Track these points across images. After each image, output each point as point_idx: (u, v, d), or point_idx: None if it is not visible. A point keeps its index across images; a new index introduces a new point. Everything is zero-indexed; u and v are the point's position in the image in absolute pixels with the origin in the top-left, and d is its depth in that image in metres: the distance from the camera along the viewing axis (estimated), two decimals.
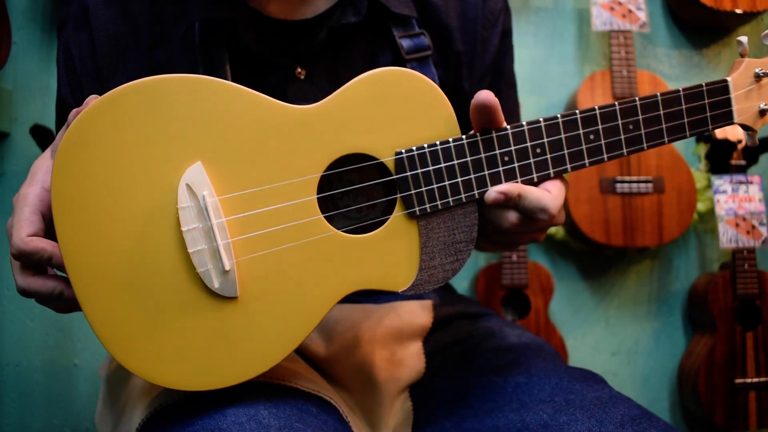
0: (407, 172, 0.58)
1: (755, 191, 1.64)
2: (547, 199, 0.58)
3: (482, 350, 0.77)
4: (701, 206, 1.71)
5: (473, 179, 0.59)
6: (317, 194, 0.57)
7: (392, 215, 0.59)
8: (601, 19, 1.66)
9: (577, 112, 0.60)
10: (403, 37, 0.75)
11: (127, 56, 0.71)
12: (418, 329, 0.80)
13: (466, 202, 0.59)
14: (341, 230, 0.58)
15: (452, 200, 0.59)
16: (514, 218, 0.59)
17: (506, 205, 0.58)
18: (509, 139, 0.59)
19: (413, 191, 0.58)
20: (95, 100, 0.54)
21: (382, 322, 0.78)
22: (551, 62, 1.84)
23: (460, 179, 0.59)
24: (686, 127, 0.62)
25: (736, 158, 1.65)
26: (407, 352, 0.78)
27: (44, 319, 1.63)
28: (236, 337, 0.56)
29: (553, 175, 0.60)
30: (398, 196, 0.59)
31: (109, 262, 0.54)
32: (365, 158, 0.59)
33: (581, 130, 0.60)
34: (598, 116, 0.60)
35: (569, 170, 0.60)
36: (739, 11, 1.67)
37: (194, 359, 0.55)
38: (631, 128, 0.60)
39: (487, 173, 0.59)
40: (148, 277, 0.54)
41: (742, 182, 1.64)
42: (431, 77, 0.75)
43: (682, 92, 0.62)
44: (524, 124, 0.59)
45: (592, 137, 0.60)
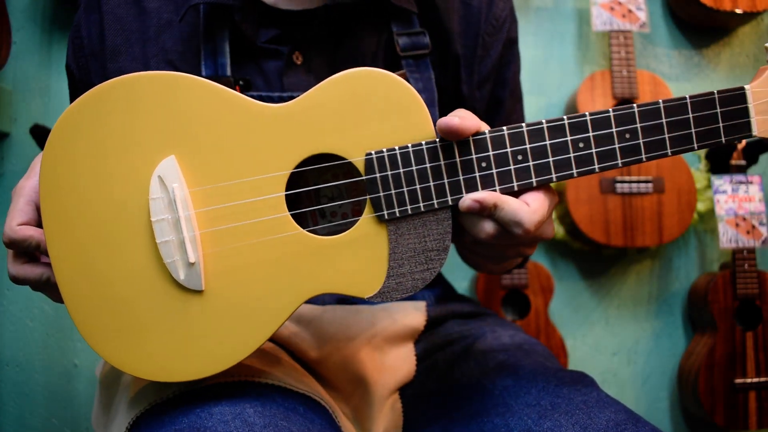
0: (377, 173, 0.56)
1: (755, 191, 1.64)
2: (523, 212, 0.53)
3: (473, 352, 0.77)
4: (701, 206, 1.72)
5: (446, 184, 0.56)
6: (286, 191, 0.57)
7: (360, 217, 0.57)
8: (601, 19, 1.66)
9: (564, 117, 0.56)
10: (401, 34, 0.75)
11: (132, 40, 0.73)
12: (409, 331, 0.80)
13: (438, 208, 0.56)
14: (307, 230, 0.57)
15: (423, 205, 0.56)
16: (491, 229, 0.55)
17: (481, 214, 0.55)
18: (487, 143, 0.56)
19: (382, 193, 0.56)
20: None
21: (374, 323, 0.78)
22: (551, 62, 1.84)
23: (432, 183, 0.56)
24: (694, 138, 0.56)
25: (736, 158, 1.65)
26: (398, 354, 0.78)
27: (44, 319, 1.63)
28: (199, 331, 0.56)
29: (535, 184, 0.56)
30: (367, 197, 0.57)
31: (85, 250, 0.56)
32: (337, 158, 0.57)
33: (569, 137, 0.56)
34: (588, 123, 0.55)
35: (554, 180, 0.56)
36: (739, 11, 1.67)
37: (159, 350, 0.56)
38: (627, 137, 0.56)
39: (462, 178, 0.56)
40: (120, 265, 0.56)
41: (742, 182, 1.64)
42: (426, 76, 0.75)
43: (689, 99, 0.56)
44: (504, 128, 0.56)
45: (581, 145, 0.56)
